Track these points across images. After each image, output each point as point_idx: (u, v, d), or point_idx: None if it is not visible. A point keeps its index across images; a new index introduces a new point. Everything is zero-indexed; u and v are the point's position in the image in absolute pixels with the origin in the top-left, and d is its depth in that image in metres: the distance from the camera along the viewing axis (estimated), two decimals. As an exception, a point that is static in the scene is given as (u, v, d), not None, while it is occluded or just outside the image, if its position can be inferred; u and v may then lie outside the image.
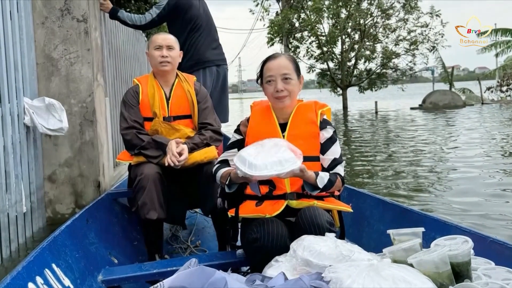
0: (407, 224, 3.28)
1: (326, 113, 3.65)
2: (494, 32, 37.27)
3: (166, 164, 4.12)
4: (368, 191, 5.33)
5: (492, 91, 40.34)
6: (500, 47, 38.58)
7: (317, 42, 39.19)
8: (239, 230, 3.58)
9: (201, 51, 6.47)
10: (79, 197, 5.85)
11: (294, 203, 3.29)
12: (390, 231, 2.83)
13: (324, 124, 3.56)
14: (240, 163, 3.07)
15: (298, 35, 40.26)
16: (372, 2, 37.48)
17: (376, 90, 41.41)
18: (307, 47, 40.62)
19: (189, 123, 4.59)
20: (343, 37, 39.02)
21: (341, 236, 3.51)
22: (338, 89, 41.22)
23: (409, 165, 11.53)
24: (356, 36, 39.23)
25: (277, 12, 40.17)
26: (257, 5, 40.35)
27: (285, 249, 2.92)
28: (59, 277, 3.11)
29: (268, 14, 40.23)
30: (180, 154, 4.15)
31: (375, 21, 38.24)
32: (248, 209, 3.36)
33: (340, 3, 36.98)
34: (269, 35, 40.43)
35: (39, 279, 2.85)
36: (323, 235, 2.85)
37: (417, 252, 2.50)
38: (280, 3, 39.26)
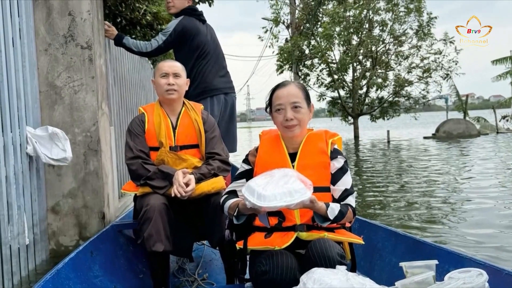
0: (420, 256, 3.29)
1: (336, 143, 3.66)
2: (510, 59, 37.30)
3: (173, 195, 4.13)
4: (380, 222, 5.33)
5: (507, 120, 40.22)
6: (515, 75, 38.57)
7: (327, 69, 39.28)
8: (248, 262, 3.57)
9: (208, 79, 6.48)
10: (83, 228, 5.85)
11: (304, 235, 3.29)
12: (402, 264, 2.84)
13: (334, 153, 3.56)
14: (248, 194, 3.06)
15: (308, 62, 40.36)
16: (384, 28, 37.59)
17: (388, 119, 41.35)
18: (318, 74, 40.75)
19: (196, 152, 4.61)
20: (355, 64, 39.09)
21: (352, 268, 3.50)
22: (349, 117, 41.22)
23: (422, 196, 11.49)
24: (368, 64, 39.30)
25: (286, 38, 40.31)
26: (266, 32, 40.57)
27: (294, 282, 2.91)
28: (62, 311, 3.12)
29: (277, 41, 40.41)
30: (187, 184, 4.16)
31: (387, 48, 38.33)
32: (257, 241, 3.36)
33: (351, 30, 37.12)
34: (279, 63, 40.55)
35: (42, 313, 2.86)
36: (334, 267, 2.85)
37: (430, 285, 2.50)
38: (289, 30, 39.41)
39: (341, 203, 3.40)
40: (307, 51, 39.31)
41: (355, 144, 33.82)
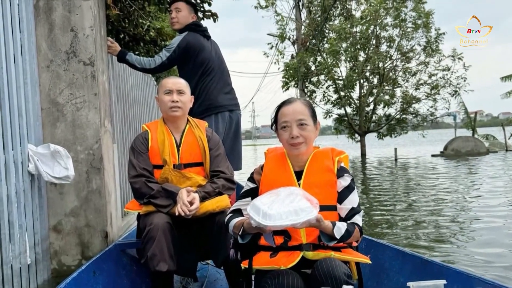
0: (428, 276, 3.29)
1: (343, 161, 3.66)
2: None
3: (177, 213, 4.13)
4: (387, 241, 5.32)
5: (517, 138, 40.17)
6: (525, 92, 38.50)
7: (334, 86, 39.27)
8: (253, 282, 3.57)
9: (213, 96, 6.48)
10: (86, 248, 5.83)
11: (310, 255, 3.28)
12: (410, 284, 2.83)
13: (341, 172, 3.57)
14: (253, 212, 3.06)
15: (314, 79, 40.39)
16: (392, 44, 37.58)
17: (395, 137, 41.31)
18: (324, 91, 40.79)
19: (200, 170, 4.62)
20: (361, 81, 39.11)
21: (359, 289, 3.50)
22: (356, 135, 41.16)
23: (430, 215, 11.45)
24: (375, 80, 39.30)
25: (292, 55, 40.41)
26: (271, 48, 40.63)
27: (301, 302, 2.91)
28: (64, 331, 3.11)
29: (283, 57, 40.53)
30: (191, 203, 4.15)
31: (394, 64, 38.31)
32: (262, 261, 3.35)
33: (358, 46, 37.14)
34: (284, 79, 40.59)
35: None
36: (341, 287, 2.85)
37: (439, 306, 2.50)
38: (295, 46, 39.49)
39: (348, 222, 3.39)
40: (313, 68, 39.40)
41: (362, 162, 33.76)
